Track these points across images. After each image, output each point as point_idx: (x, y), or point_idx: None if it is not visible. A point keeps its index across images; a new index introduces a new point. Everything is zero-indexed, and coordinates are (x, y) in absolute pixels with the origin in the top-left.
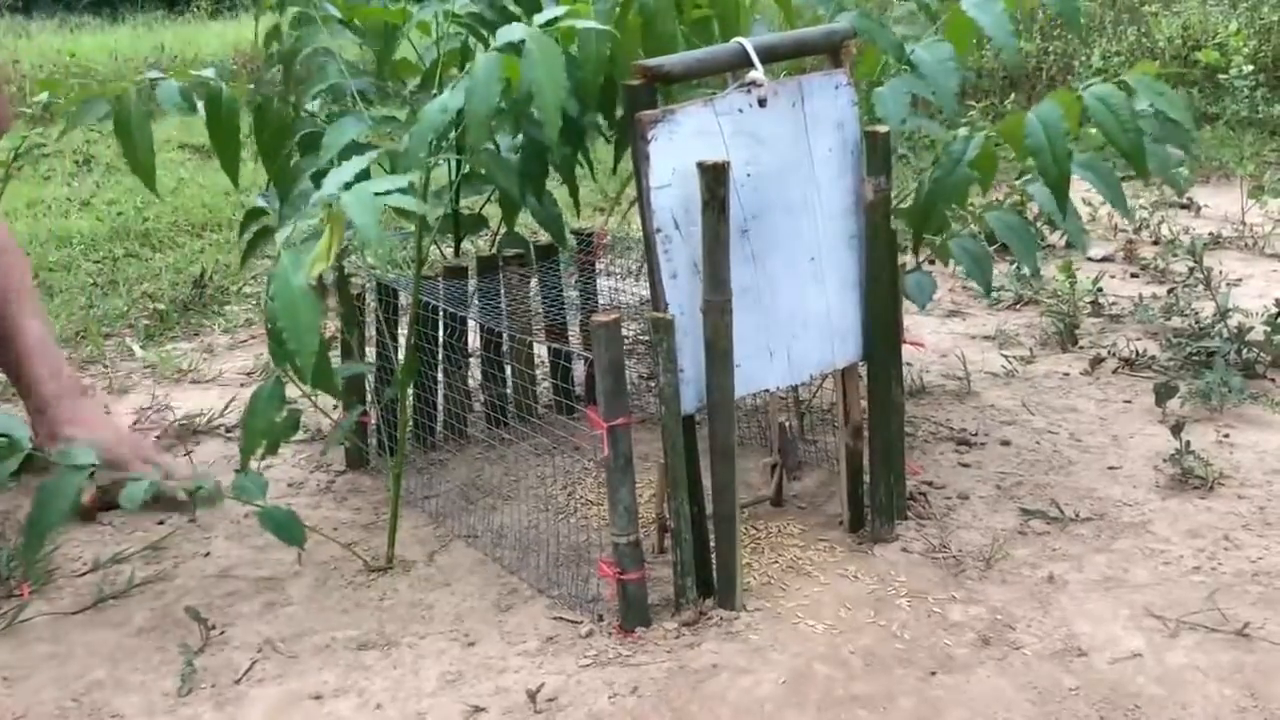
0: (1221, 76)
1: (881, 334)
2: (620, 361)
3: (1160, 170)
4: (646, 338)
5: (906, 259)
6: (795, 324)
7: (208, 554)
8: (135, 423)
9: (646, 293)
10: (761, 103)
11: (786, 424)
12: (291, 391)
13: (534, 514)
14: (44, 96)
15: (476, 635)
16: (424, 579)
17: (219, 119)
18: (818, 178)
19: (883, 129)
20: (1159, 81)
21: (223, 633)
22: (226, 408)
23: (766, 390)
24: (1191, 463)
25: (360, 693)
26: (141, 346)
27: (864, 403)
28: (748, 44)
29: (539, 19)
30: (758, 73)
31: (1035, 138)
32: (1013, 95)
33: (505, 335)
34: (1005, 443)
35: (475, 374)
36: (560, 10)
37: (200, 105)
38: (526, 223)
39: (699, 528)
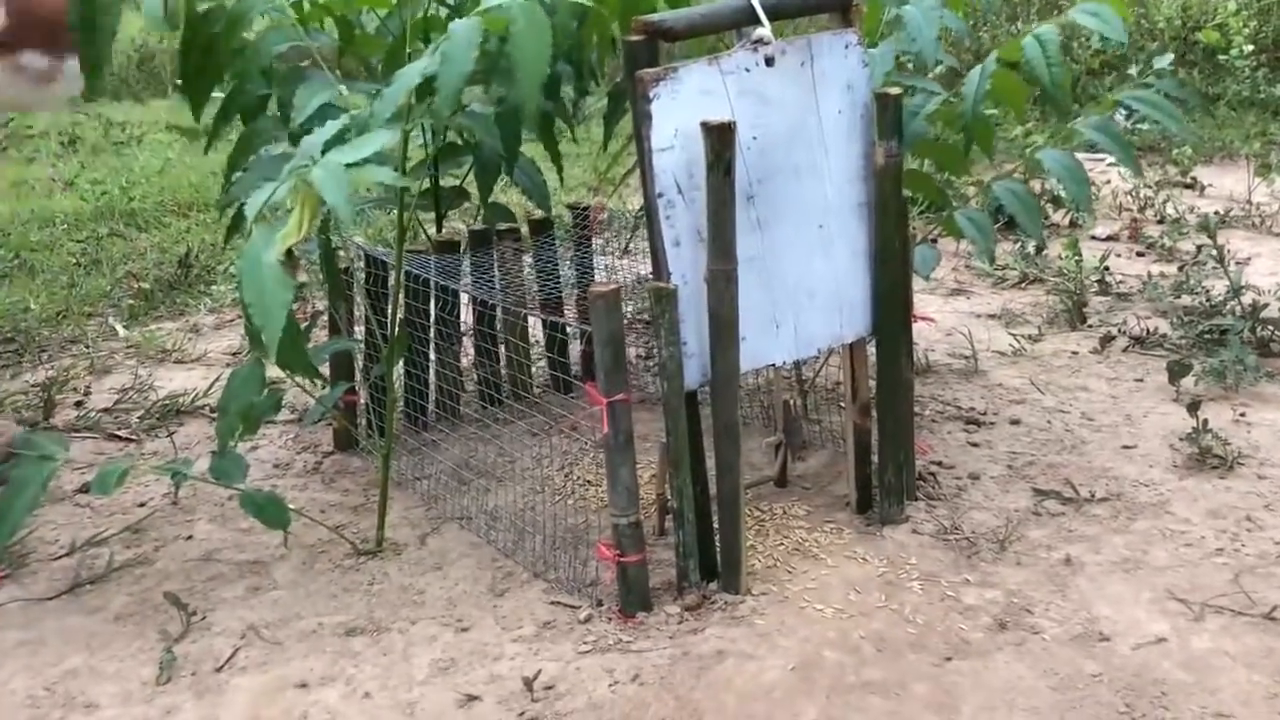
0: (1221, 57)
1: (892, 307)
2: (620, 334)
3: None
4: (644, 316)
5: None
6: (802, 295)
7: (190, 537)
8: (116, 403)
9: (643, 270)
10: (769, 62)
11: (791, 402)
12: (278, 372)
13: (529, 495)
14: None
15: (470, 620)
16: (415, 562)
17: (193, 52)
18: (826, 141)
19: (894, 90)
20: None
21: (204, 618)
22: (210, 388)
23: (772, 365)
24: (1209, 441)
25: (348, 681)
26: (125, 326)
27: (871, 380)
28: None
29: None
30: (765, 30)
31: (1030, 49)
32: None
33: (499, 310)
34: (1015, 422)
35: (469, 352)
36: None
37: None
38: (520, 202)
39: (702, 508)
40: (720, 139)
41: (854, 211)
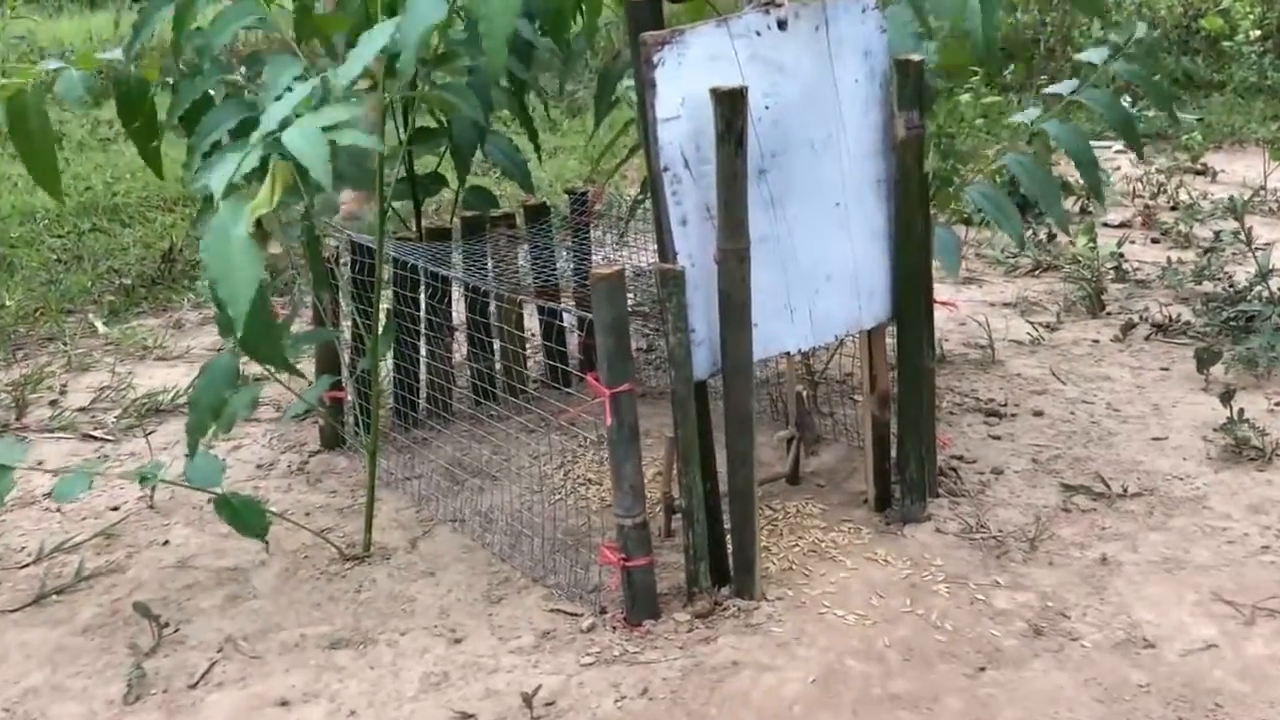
0: (1226, 43)
1: (913, 291)
2: (624, 320)
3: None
4: (643, 308)
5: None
6: (818, 278)
7: (166, 542)
8: (93, 401)
9: (642, 260)
10: (781, 25)
11: (803, 393)
12: (259, 367)
13: (526, 495)
14: None
15: (464, 630)
16: (405, 568)
17: (129, 102)
18: (843, 112)
19: (916, 57)
20: None
21: (178, 630)
22: (192, 385)
23: (786, 354)
24: (1246, 432)
25: (332, 698)
26: (105, 323)
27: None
28: None
29: None
30: None
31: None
32: (1011, 66)
33: (493, 299)
34: (1038, 413)
35: (461, 345)
36: None
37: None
38: (513, 193)
39: (713, 508)
40: (731, 107)
41: (872, 188)
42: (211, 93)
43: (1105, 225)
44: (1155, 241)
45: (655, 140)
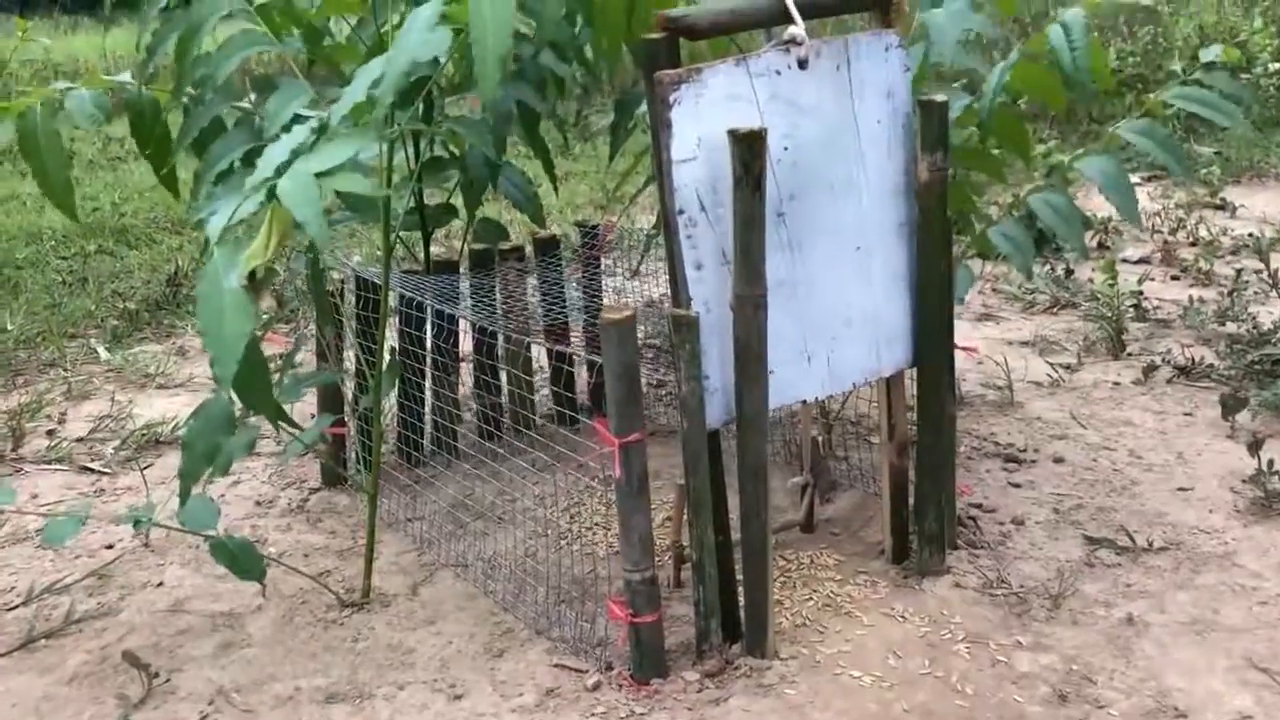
0: (1244, 75)
1: (935, 337)
2: (634, 366)
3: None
4: (656, 341)
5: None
6: (837, 324)
7: (160, 584)
8: (92, 431)
9: (654, 292)
10: (802, 64)
11: (818, 439)
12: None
13: (531, 540)
14: None
15: (464, 686)
16: (405, 616)
17: (143, 126)
18: (864, 153)
19: (940, 98)
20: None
21: (169, 680)
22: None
23: (803, 401)
24: (1276, 485)
25: None
26: (107, 348)
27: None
28: None
29: None
30: (798, 29)
31: (1055, 35)
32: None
33: (500, 337)
34: (1058, 460)
35: (467, 380)
36: None
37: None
38: (521, 221)
39: (725, 561)
40: (750, 149)
41: (894, 231)
42: (223, 117)
43: (1124, 261)
44: (1175, 279)
45: (670, 182)
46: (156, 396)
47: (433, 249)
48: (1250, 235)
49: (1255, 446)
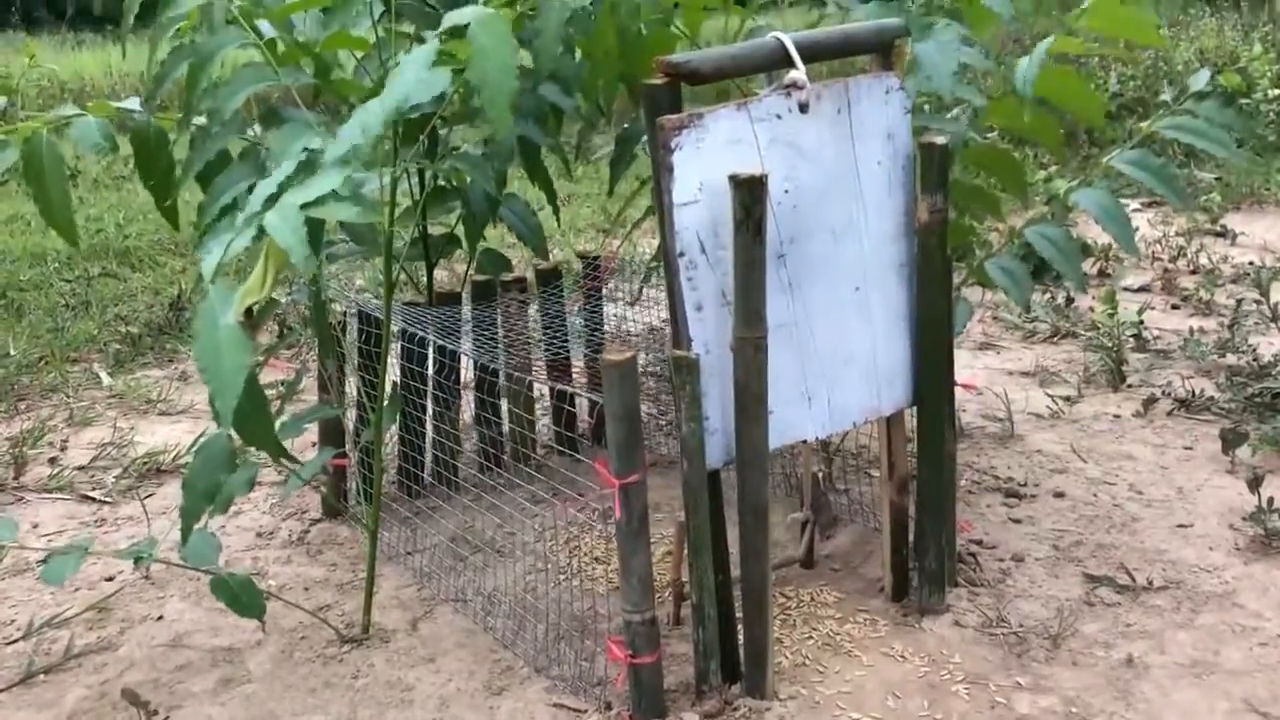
0: (1244, 101)
1: (934, 376)
2: (635, 408)
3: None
4: (657, 369)
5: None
6: (837, 364)
7: (160, 617)
8: (93, 459)
9: (655, 318)
10: (803, 108)
11: (819, 475)
12: None
13: (531, 574)
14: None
15: None
16: (404, 652)
17: (147, 156)
18: (864, 195)
19: (940, 139)
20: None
21: (168, 718)
22: (194, 444)
23: (803, 441)
24: (1276, 523)
25: None
26: (109, 373)
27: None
28: (787, 40)
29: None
30: (799, 73)
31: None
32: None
33: (502, 376)
34: (1058, 494)
35: (468, 407)
36: None
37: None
38: (524, 254)
39: (724, 602)
40: (751, 194)
41: (894, 272)
42: (228, 148)
43: (1125, 289)
44: (1175, 307)
45: (671, 225)
46: (158, 423)
47: (439, 272)
48: (1250, 263)
49: (1255, 483)
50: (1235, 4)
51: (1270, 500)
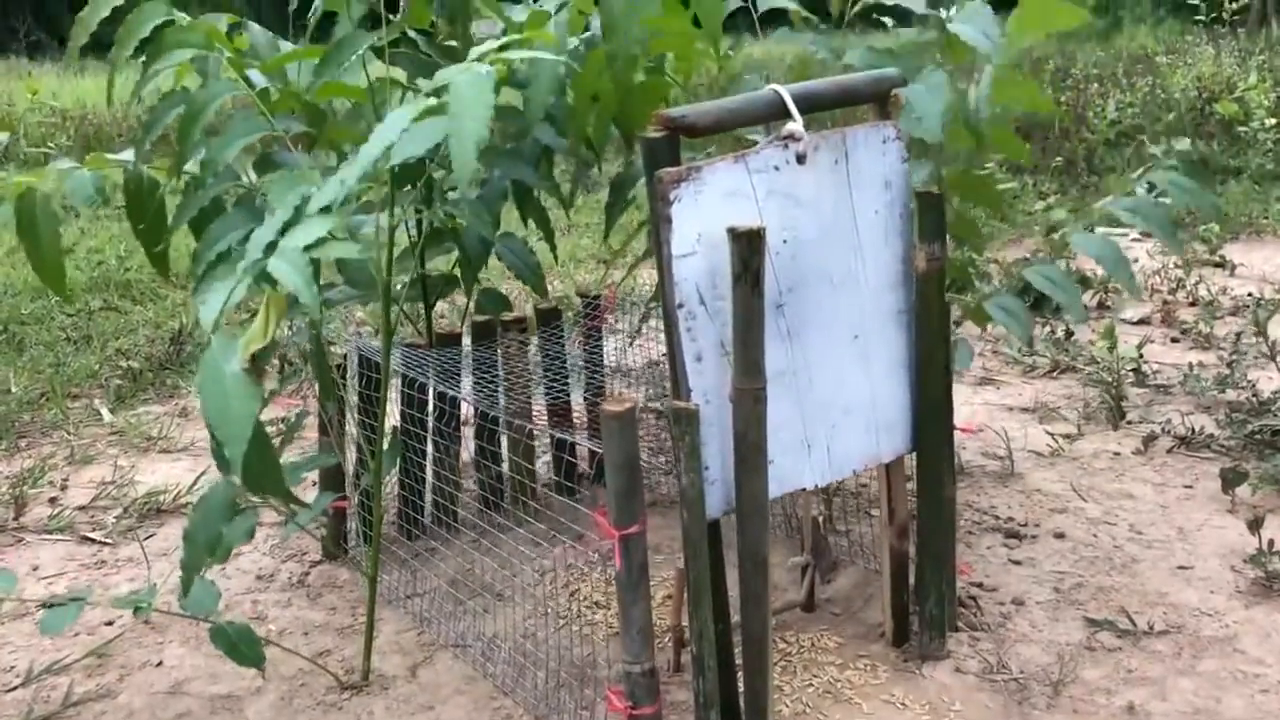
0: (1241, 129)
1: (933, 422)
2: (635, 458)
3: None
4: (656, 405)
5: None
6: (836, 412)
7: (159, 663)
8: (94, 499)
9: (655, 351)
10: (800, 159)
11: (819, 518)
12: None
13: (531, 619)
14: (3, 137)
15: None
16: (404, 700)
17: (138, 203)
18: (862, 244)
19: (937, 189)
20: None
21: None
22: (195, 483)
23: (803, 490)
24: (1276, 565)
25: None
26: (110, 409)
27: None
28: (785, 92)
29: (486, 47)
30: (796, 125)
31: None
32: (1028, 146)
33: (502, 426)
34: (1059, 535)
35: (468, 444)
36: (504, 39)
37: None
38: (521, 291)
39: (725, 652)
40: (749, 246)
41: (892, 319)
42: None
43: (1124, 321)
44: (1175, 341)
45: (670, 276)
46: (159, 460)
47: (441, 305)
48: (1249, 294)
49: (1255, 525)
50: (1233, 30)
51: (1271, 543)
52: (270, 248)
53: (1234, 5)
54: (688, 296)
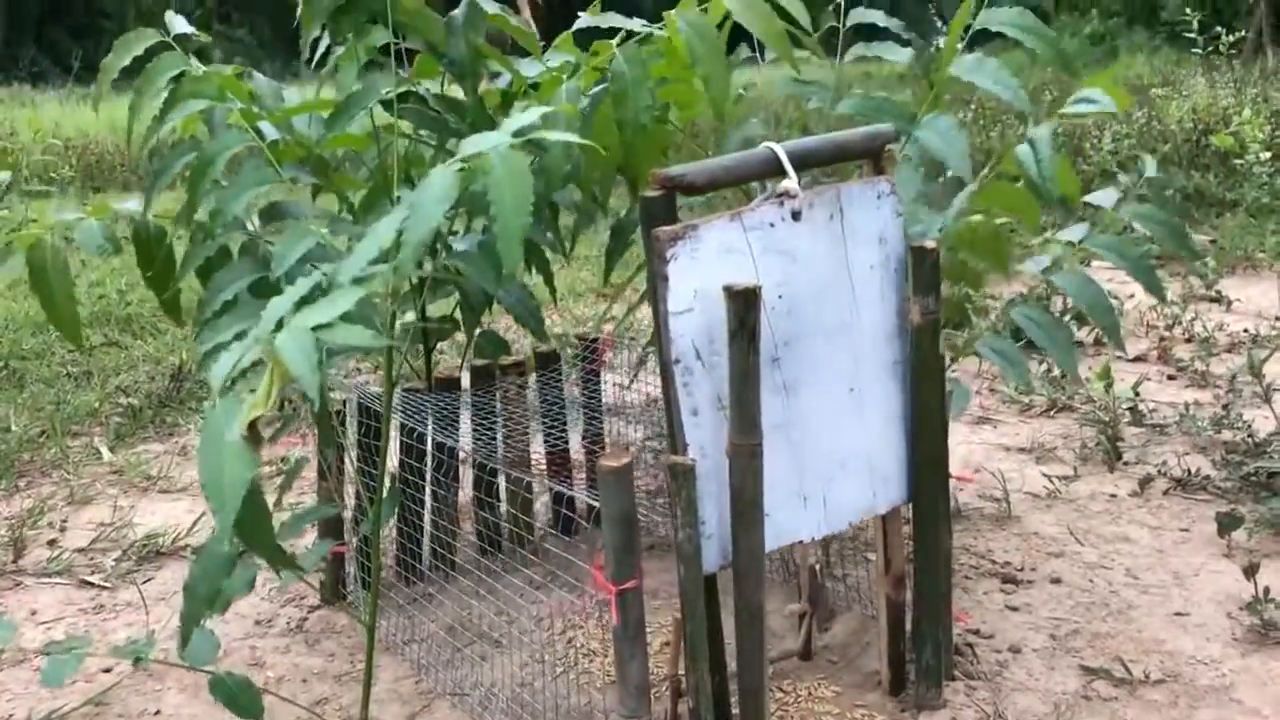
0: (1237, 161)
1: (929, 474)
2: (632, 514)
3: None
4: (654, 444)
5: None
6: (832, 465)
7: (157, 712)
8: (93, 541)
9: (653, 388)
10: (795, 216)
11: (816, 566)
12: None
13: (528, 666)
14: (5, 176)
15: None
16: None
17: (147, 252)
18: (857, 298)
19: (930, 243)
20: None
21: None
22: (194, 525)
23: (799, 542)
24: (1272, 613)
25: None
26: (110, 448)
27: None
28: (780, 150)
29: (509, 125)
30: (791, 182)
31: (1023, 153)
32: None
33: (501, 477)
34: (1055, 580)
35: (466, 483)
36: (531, 118)
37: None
38: (520, 330)
39: (720, 699)
40: (745, 305)
41: (888, 371)
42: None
43: (1119, 357)
44: (1172, 378)
45: (667, 332)
46: (158, 500)
47: (440, 340)
48: (1245, 331)
49: (1251, 571)
50: (1229, 60)
51: (1266, 590)
52: (284, 321)
53: (1230, 39)
54: (684, 352)
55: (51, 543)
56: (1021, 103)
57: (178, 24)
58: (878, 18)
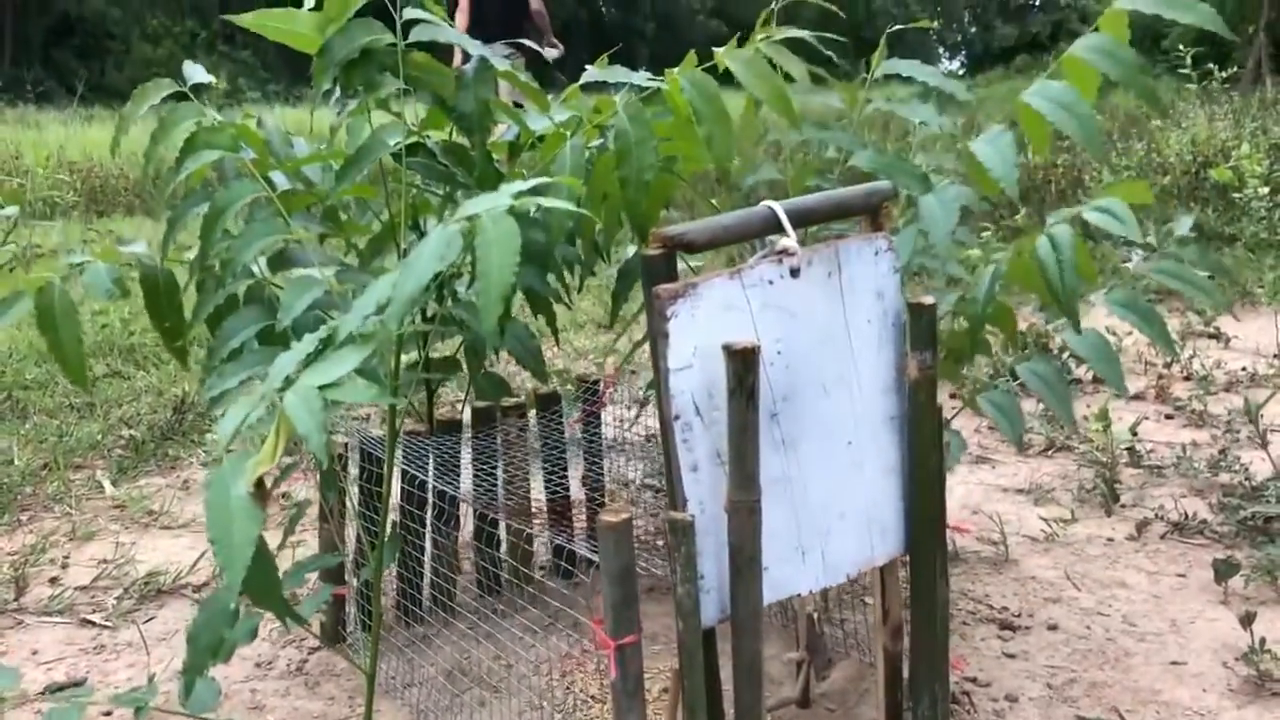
0: (1236, 195)
1: (926, 524)
2: (631, 569)
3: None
4: (652, 482)
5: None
6: (831, 518)
7: None
8: (95, 579)
9: (654, 424)
10: (794, 273)
11: (815, 616)
12: None
13: (527, 711)
14: (13, 210)
15: None
16: None
17: (158, 302)
18: (855, 353)
19: (928, 300)
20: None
21: None
22: (196, 563)
23: (798, 595)
24: (1268, 665)
25: None
26: (113, 481)
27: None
28: (778, 208)
29: (510, 189)
30: (790, 240)
31: (1043, 249)
32: (1023, 210)
33: (502, 527)
34: (1052, 627)
35: (466, 521)
36: (531, 183)
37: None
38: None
39: None
40: (744, 363)
41: (885, 425)
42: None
43: (1116, 396)
44: (1169, 418)
45: (667, 389)
46: (160, 537)
47: (441, 384)
48: (1243, 369)
49: (1247, 620)
50: (1226, 92)
51: (1262, 641)
52: (290, 381)
53: (1224, 75)
54: (684, 409)
55: (53, 580)
56: (1009, 185)
57: (195, 73)
58: (908, 68)
